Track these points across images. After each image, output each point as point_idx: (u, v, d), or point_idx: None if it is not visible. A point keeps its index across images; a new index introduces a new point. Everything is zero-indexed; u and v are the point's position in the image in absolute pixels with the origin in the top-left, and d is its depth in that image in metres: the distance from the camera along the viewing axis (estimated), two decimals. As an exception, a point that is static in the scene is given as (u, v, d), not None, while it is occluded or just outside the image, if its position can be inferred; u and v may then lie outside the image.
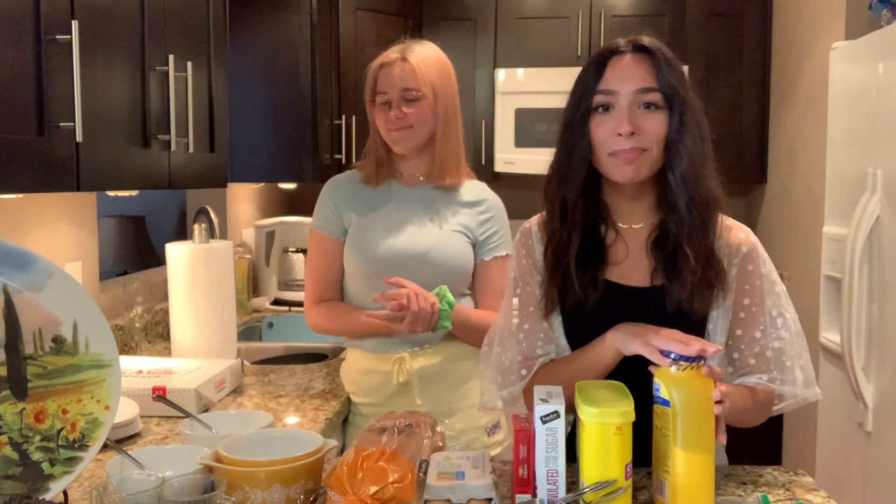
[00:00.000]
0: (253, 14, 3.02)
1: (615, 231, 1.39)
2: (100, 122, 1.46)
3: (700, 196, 1.32)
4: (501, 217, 1.97)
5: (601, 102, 1.31)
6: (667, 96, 1.30)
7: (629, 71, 1.31)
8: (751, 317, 1.36)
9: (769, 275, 1.37)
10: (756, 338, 1.36)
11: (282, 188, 4.04)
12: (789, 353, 1.35)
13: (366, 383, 1.94)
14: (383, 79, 1.89)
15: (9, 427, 1.16)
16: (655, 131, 1.30)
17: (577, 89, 1.35)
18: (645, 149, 1.30)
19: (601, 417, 1.16)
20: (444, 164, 1.92)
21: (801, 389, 1.34)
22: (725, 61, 3.79)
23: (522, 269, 1.45)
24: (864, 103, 2.49)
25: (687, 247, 1.31)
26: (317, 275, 1.97)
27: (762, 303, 1.36)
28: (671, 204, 1.33)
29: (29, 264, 1.17)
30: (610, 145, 1.31)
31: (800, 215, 3.40)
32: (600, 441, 1.16)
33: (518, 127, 3.78)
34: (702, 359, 1.18)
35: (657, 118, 1.30)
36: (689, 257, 1.30)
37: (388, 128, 1.88)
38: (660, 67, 1.30)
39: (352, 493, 1.18)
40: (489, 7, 3.88)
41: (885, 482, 2.31)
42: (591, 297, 1.35)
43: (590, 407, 1.17)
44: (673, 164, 1.31)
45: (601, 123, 1.31)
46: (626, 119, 1.29)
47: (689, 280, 1.30)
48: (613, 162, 1.31)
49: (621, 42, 1.34)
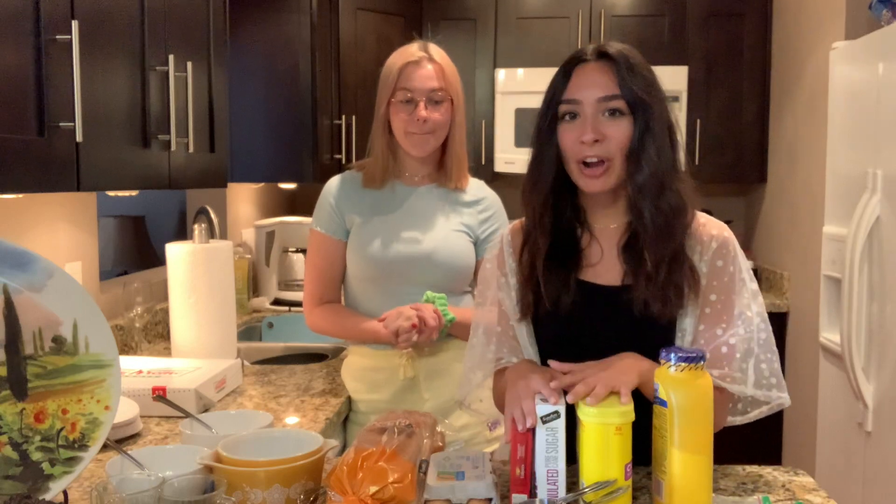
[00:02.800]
0: (253, 14, 3.02)
1: (590, 233, 1.41)
2: (100, 122, 1.46)
3: (664, 203, 1.32)
4: (501, 214, 1.98)
5: (566, 111, 1.34)
6: (630, 103, 1.31)
7: (592, 79, 1.33)
8: (715, 313, 1.35)
9: (739, 272, 1.36)
10: (717, 334, 1.34)
11: (282, 188, 4.04)
12: (745, 352, 1.33)
13: (372, 380, 1.94)
14: (409, 76, 1.85)
15: (9, 427, 1.16)
16: (618, 138, 1.31)
17: (546, 96, 1.37)
18: (609, 158, 1.32)
19: (601, 418, 1.16)
20: (452, 168, 1.92)
21: (752, 389, 1.33)
22: (725, 61, 3.79)
23: (491, 276, 1.48)
24: (864, 103, 2.49)
25: (647, 251, 1.32)
26: (317, 275, 1.97)
27: (728, 299, 1.35)
28: (636, 211, 1.34)
29: (29, 264, 1.17)
30: (576, 153, 1.33)
31: (800, 215, 3.40)
32: (600, 441, 1.16)
33: (518, 127, 3.78)
34: (701, 359, 1.18)
35: (621, 125, 1.32)
36: (648, 262, 1.31)
37: (408, 129, 1.85)
38: (622, 75, 1.31)
39: (352, 493, 1.18)
40: (489, 7, 3.88)
41: (885, 482, 2.31)
42: (563, 300, 1.36)
43: (589, 407, 1.17)
44: (633, 174, 1.32)
45: (567, 131, 1.34)
46: (590, 127, 1.31)
47: (651, 284, 1.31)
48: (580, 172, 1.34)
49: (588, 50, 1.36)
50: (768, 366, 1.34)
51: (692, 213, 1.36)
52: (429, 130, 1.84)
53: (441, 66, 1.87)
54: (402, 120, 1.85)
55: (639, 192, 1.32)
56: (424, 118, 1.83)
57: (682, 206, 1.34)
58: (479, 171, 2.22)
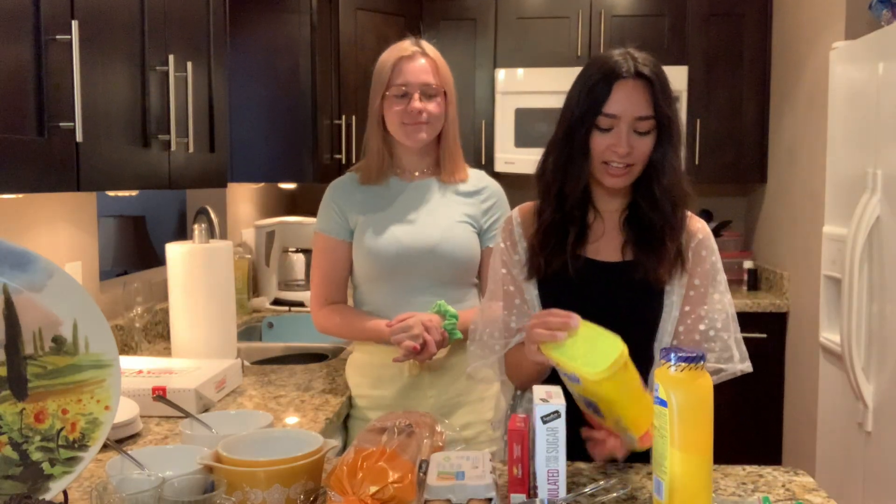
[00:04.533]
0: (253, 14, 3.02)
1: (595, 211, 1.57)
2: (100, 122, 1.46)
3: (677, 195, 1.52)
4: (503, 203, 2.00)
5: (606, 125, 1.47)
6: (659, 122, 1.47)
7: (631, 98, 1.46)
8: (699, 296, 1.54)
9: (716, 263, 1.57)
10: (701, 315, 1.54)
11: (282, 188, 4.04)
12: (728, 331, 1.53)
13: (377, 376, 1.94)
14: (403, 71, 1.87)
15: (9, 427, 1.16)
16: (643, 152, 1.48)
17: (582, 103, 1.48)
18: (633, 164, 1.48)
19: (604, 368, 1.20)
20: (448, 162, 1.94)
21: (739, 365, 1.53)
22: (725, 61, 3.79)
23: (504, 253, 1.61)
24: (864, 103, 2.49)
25: (664, 226, 1.51)
26: (323, 277, 1.97)
27: (708, 285, 1.55)
28: (654, 204, 1.52)
29: (29, 264, 1.17)
30: (605, 157, 1.48)
31: (800, 215, 3.40)
32: (621, 387, 1.22)
33: (518, 127, 3.78)
34: (701, 359, 1.18)
35: (647, 141, 1.48)
36: (666, 234, 1.51)
37: (402, 121, 1.87)
38: (657, 96, 1.46)
39: (352, 493, 1.18)
40: (489, 7, 3.88)
41: (885, 482, 2.31)
42: (567, 272, 1.52)
43: (590, 367, 1.19)
44: (659, 177, 1.50)
45: (601, 139, 1.48)
46: (625, 142, 1.45)
47: (663, 253, 1.50)
48: (605, 171, 1.49)
49: (624, 66, 1.46)
50: (741, 341, 1.55)
51: (690, 199, 1.55)
52: (424, 121, 1.86)
53: (434, 61, 1.89)
54: (396, 112, 1.86)
55: (665, 192, 1.51)
56: (420, 109, 1.85)
57: (687, 195, 1.53)
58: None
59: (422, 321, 1.79)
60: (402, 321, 1.81)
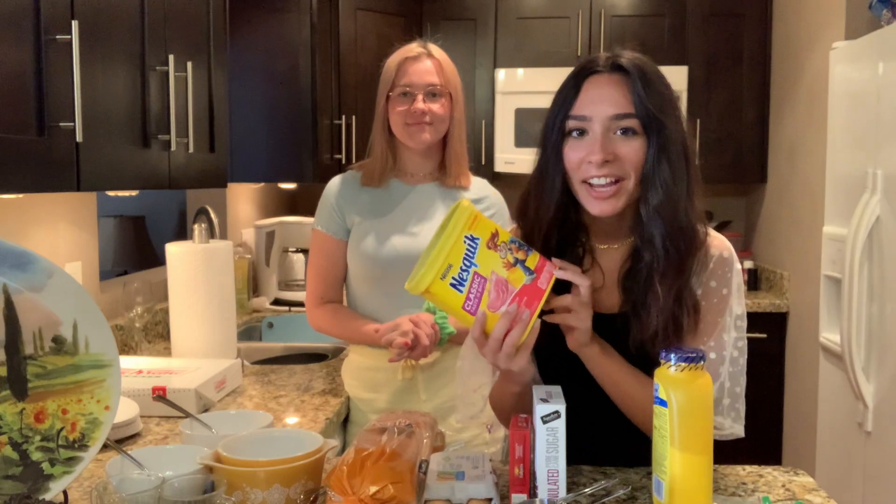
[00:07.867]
0: (253, 14, 3.02)
1: (591, 256, 1.32)
2: (100, 122, 1.46)
3: (677, 229, 1.23)
4: (503, 213, 1.98)
5: (574, 127, 1.23)
6: (644, 122, 1.21)
7: (604, 94, 1.22)
8: (706, 327, 1.29)
9: (729, 295, 1.28)
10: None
11: (282, 188, 4.04)
12: (721, 391, 1.31)
13: (371, 379, 1.94)
14: (408, 71, 1.87)
15: (9, 427, 1.16)
16: (633, 159, 1.21)
17: (554, 106, 1.27)
18: (622, 178, 1.22)
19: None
20: (453, 165, 1.93)
21: (728, 430, 1.31)
22: (725, 61, 3.79)
23: None
24: (864, 103, 2.49)
25: (660, 284, 1.22)
26: (319, 275, 1.97)
27: (714, 321, 1.28)
28: (646, 237, 1.23)
29: (29, 264, 1.17)
30: (582, 172, 1.23)
31: (800, 215, 3.40)
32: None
33: (518, 127, 3.78)
34: (701, 359, 1.18)
35: (634, 145, 1.21)
36: (660, 297, 1.21)
37: (406, 121, 1.86)
38: (637, 90, 1.20)
39: (352, 493, 1.18)
40: (489, 7, 3.88)
41: (885, 482, 2.31)
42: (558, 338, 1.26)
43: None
44: (648, 196, 1.22)
45: (574, 148, 1.23)
46: (599, 147, 1.20)
47: (655, 320, 1.23)
48: (588, 193, 1.23)
49: (600, 59, 1.24)
50: (732, 399, 1.32)
51: (700, 241, 1.28)
52: (427, 121, 1.85)
53: (439, 62, 1.89)
54: (400, 113, 1.86)
55: (654, 216, 1.22)
56: (423, 109, 1.84)
57: (695, 235, 1.25)
58: (479, 171, 2.22)
59: (410, 318, 1.78)
60: (389, 323, 1.81)
